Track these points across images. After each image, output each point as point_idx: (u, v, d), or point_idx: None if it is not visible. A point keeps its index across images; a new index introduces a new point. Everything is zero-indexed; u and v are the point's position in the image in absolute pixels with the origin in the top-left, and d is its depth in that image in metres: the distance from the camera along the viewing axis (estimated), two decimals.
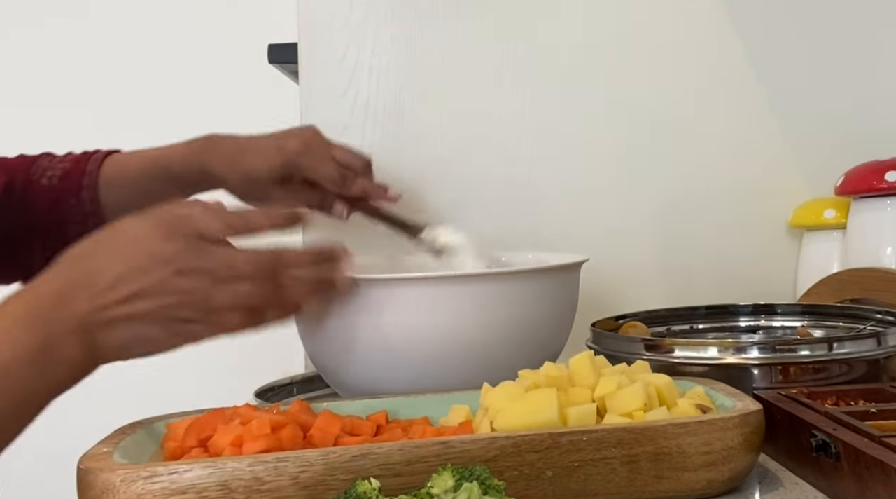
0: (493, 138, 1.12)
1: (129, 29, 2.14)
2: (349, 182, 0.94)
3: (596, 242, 1.10)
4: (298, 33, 1.11)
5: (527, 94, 1.13)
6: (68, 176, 0.95)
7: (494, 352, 0.76)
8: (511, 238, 1.10)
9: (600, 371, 0.65)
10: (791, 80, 1.14)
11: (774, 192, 1.14)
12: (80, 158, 0.97)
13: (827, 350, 0.73)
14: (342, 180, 0.93)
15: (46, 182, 0.95)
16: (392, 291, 0.75)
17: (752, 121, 1.14)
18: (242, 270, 0.65)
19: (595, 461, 0.56)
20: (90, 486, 0.53)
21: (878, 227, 1.01)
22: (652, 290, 1.13)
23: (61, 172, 0.96)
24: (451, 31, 1.12)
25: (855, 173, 1.03)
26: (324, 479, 0.53)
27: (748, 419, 0.58)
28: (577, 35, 1.13)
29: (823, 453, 0.57)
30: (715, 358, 0.74)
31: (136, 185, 0.96)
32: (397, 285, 0.75)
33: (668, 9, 1.13)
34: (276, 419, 0.60)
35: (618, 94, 1.14)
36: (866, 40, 1.14)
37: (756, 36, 1.14)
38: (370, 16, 1.11)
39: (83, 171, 0.95)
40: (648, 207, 1.14)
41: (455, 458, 0.54)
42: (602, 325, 0.87)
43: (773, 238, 1.14)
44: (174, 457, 0.60)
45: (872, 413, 0.60)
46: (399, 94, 1.11)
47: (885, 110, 1.14)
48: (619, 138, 1.14)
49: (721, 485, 0.57)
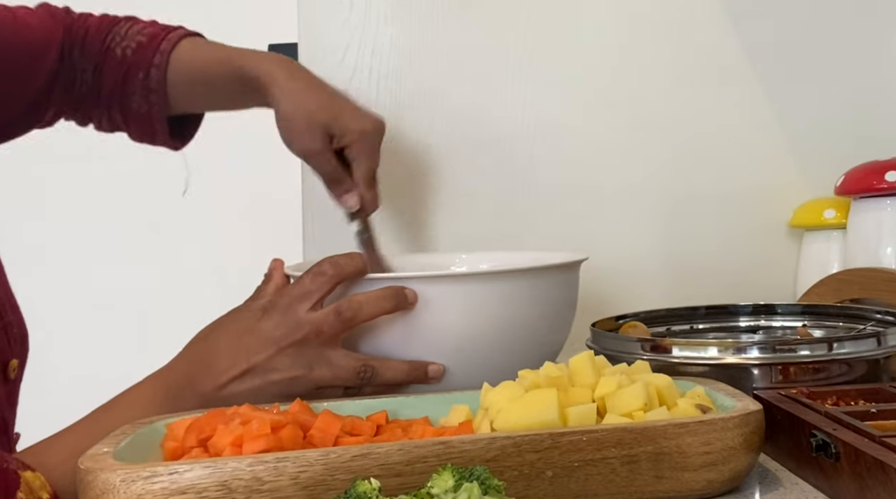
0: (493, 138, 1.13)
1: None
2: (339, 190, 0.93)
3: (596, 241, 1.10)
4: (298, 33, 1.11)
5: (527, 93, 1.13)
6: (142, 50, 0.96)
7: (494, 351, 0.76)
8: (511, 238, 1.10)
9: (600, 371, 0.65)
10: (791, 80, 1.14)
11: (774, 192, 1.14)
12: (157, 34, 0.97)
13: (827, 350, 0.73)
14: (338, 186, 0.93)
15: (120, 52, 0.96)
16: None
17: (752, 121, 1.14)
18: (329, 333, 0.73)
19: (595, 461, 0.56)
20: (90, 486, 0.53)
21: (878, 227, 1.01)
22: (652, 290, 1.13)
23: (136, 44, 0.96)
24: (450, 31, 1.12)
25: (855, 173, 1.03)
26: (324, 479, 0.53)
27: (748, 419, 0.58)
28: (577, 35, 1.13)
29: (823, 454, 0.57)
30: (715, 358, 0.74)
31: (202, 75, 0.96)
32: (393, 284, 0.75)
33: (669, 8, 1.13)
34: (276, 419, 0.60)
35: (618, 94, 1.14)
36: (866, 40, 1.14)
37: (756, 36, 1.14)
38: (370, 16, 1.11)
39: (157, 48, 0.95)
40: (648, 208, 1.14)
41: (455, 458, 0.54)
42: (602, 325, 0.87)
43: (773, 238, 1.14)
44: (174, 457, 0.60)
45: (872, 413, 0.60)
46: (399, 95, 1.11)
47: (885, 110, 1.14)
48: (619, 138, 1.14)
49: (721, 485, 0.57)
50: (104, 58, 0.96)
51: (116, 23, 0.98)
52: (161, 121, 0.97)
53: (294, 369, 0.72)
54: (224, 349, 0.73)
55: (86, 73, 0.96)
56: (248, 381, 0.72)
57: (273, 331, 0.73)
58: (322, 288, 0.74)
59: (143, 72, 0.95)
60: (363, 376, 0.73)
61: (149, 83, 0.95)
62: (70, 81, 0.96)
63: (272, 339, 0.72)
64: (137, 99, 0.96)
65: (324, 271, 0.74)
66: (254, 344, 0.73)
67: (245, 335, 0.73)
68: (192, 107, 1.00)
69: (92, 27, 0.97)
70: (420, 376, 0.75)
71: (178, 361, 0.75)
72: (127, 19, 0.99)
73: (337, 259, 0.75)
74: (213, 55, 0.96)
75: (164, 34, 0.96)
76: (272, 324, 0.73)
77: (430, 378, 0.75)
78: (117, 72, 0.96)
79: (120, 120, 0.98)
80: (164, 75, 0.95)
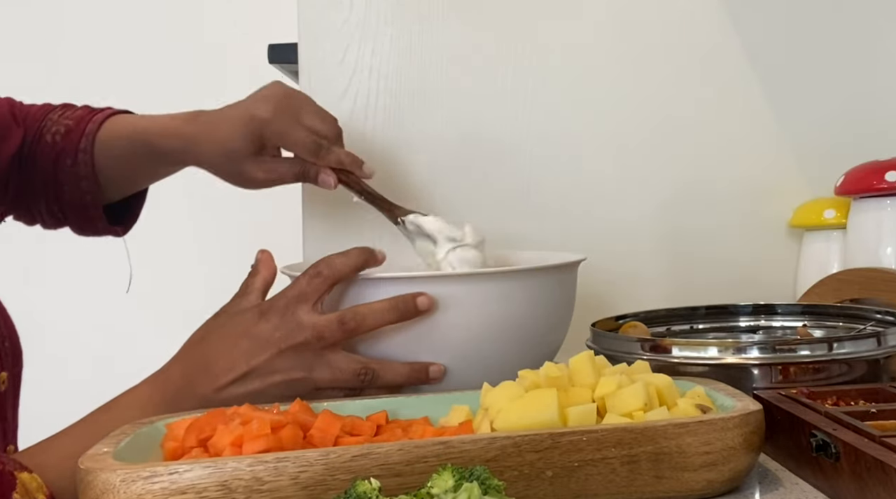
0: (493, 138, 1.13)
1: (129, 28, 2.14)
2: (324, 151, 0.90)
3: (596, 242, 1.10)
4: (298, 33, 1.11)
5: (527, 94, 1.13)
6: (69, 134, 0.94)
7: (491, 351, 0.76)
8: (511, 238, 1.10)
9: (600, 371, 0.65)
10: (791, 80, 1.14)
11: (774, 192, 1.14)
12: (84, 116, 0.95)
13: (827, 350, 0.73)
14: (316, 148, 0.89)
15: (50, 139, 0.94)
16: (386, 291, 0.75)
17: (752, 121, 1.14)
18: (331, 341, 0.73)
19: (595, 461, 0.56)
20: (90, 486, 0.53)
21: (878, 227, 1.01)
22: (652, 290, 1.13)
23: (64, 128, 0.94)
24: (450, 31, 1.12)
25: (855, 173, 1.03)
26: (324, 479, 0.53)
27: (748, 419, 0.58)
28: (577, 35, 1.13)
29: (823, 453, 0.57)
30: (715, 358, 0.74)
31: (123, 155, 0.94)
32: (391, 285, 0.75)
33: (669, 9, 1.13)
34: (276, 419, 0.60)
35: (618, 94, 1.14)
36: (866, 40, 1.14)
37: (756, 36, 1.14)
38: (370, 16, 1.11)
39: (83, 131, 0.94)
40: (649, 208, 1.14)
41: (455, 458, 0.54)
42: (602, 325, 0.87)
43: (773, 238, 1.14)
44: (174, 457, 0.60)
45: (872, 413, 0.60)
46: (399, 95, 1.11)
47: (885, 110, 1.14)
48: (619, 138, 1.14)
49: (721, 485, 0.57)
50: (37, 146, 0.94)
51: (52, 109, 0.97)
52: (97, 208, 0.96)
53: (294, 371, 0.72)
54: (222, 352, 0.73)
55: (24, 164, 0.94)
56: (248, 383, 0.72)
57: (272, 333, 0.72)
58: (319, 289, 0.74)
59: (70, 158, 0.93)
60: (363, 379, 0.73)
61: (77, 170, 0.93)
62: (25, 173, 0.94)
63: (271, 341, 0.72)
64: (70, 188, 0.94)
65: (320, 272, 0.74)
66: (252, 347, 0.72)
67: (243, 338, 0.73)
68: (127, 187, 0.98)
69: (30, 116, 0.96)
70: (421, 377, 0.75)
71: (175, 364, 0.75)
72: (62, 106, 0.97)
73: (332, 259, 0.75)
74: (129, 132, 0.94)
75: (91, 116, 0.95)
76: (271, 326, 0.73)
77: (432, 379, 0.75)
78: (48, 159, 0.94)
79: (58, 211, 0.97)
80: (91, 159, 0.93)
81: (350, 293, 0.76)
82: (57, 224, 0.99)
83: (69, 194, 0.94)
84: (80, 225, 0.99)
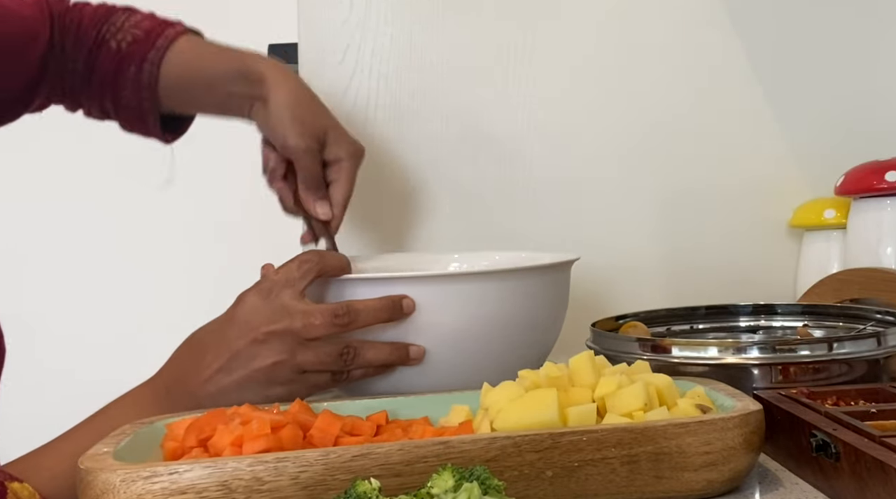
0: (493, 138, 1.13)
1: None
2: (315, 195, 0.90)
3: (596, 241, 1.10)
4: (298, 33, 1.11)
5: (527, 93, 1.13)
6: (137, 44, 0.94)
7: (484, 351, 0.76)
8: (510, 238, 1.10)
9: (600, 371, 0.65)
10: (791, 80, 1.14)
11: (774, 192, 1.14)
12: (154, 28, 0.95)
13: (827, 350, 0.73)
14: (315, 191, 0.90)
15: (115, 45, 0.94)
16: (384, 291, 0.75)
17: (752, 121, 1.14)
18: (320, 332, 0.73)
19: (595, 461, 0.56)
20: (90, 486, 0.53)
21: (878, 227, 1.01)
22: (652, 290, 1.13)
23: (132, 37, 0.94)
24: (450, 31, 1.12)
25: (855, 173, 1.03)
26: (324, 479, 0.53)
27: (748, 419, 0.58)
28: (577, 35, 1.13)
29: (823, 454, 0.57)
30: (715, 358, 0.74)
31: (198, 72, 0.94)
32: (388, 285, 0.75)
33: (669, 8, 1.13)
34: (276, 419, 0.60)
35: (618, 94, 1.14)
36: (866, 40, 1.14)
37: (756, 36, 1.14)
38: (370, 16, 1.11)
39: (153, 44, 0.93)
40: (648, 208, 1.14)
41: (455, 458, 0.54)
42: (602, 325, 0.87)
43: (773, 238, 1.14)
44: (174, 457, 0.60)
45: (872, 413, 0.60)
46: (399, 95, 1.11)
47: (885, 110, 1.14)
48: (619, 138, 1.14)
49: (721, 485, 0.57)
50: (98, 48, 0.94)
51: (113, 13, 0.96)
52: (152, 114, 0.96)
53: (276, 355, 0.72)
54: (209, 343, 0.73)
55: (77, 62, 0.94)
56: (233, 371, 0.71)
57: (253, 315, 0.72)
58: (306, 276, 0.74)
59: (135, 66, 0.93)
60: (346, 358, 0.73)
61: (140, 78, 0.93)
62: (62, 69, 0.95)
63: (252, 324, 0.72)
64: (128, 93, 0.94)
65: (309, 259, 0.75)
66: (234, 331, 0.72)
67: (226, 325, 0.73)
68: (181, 106, 0.98)
69: (86, 16, 0.95)
70: (402, 355, 0.75)
71: (168, 365, 0.76)
72: (124, 10, 0.97)
73: (321, 251, 0.77)
74: (210, 52, 0.95)
75: (162, 30, 0.95)
76: (251, 308, 0.73)
77: (412, 359, 0.75)
78: (110, 63, 0.94)
79: (111, 109, 0.97)
80: (157, 72, 0.93)
81: (332, 289, 0.77)
82: (104, 117, 0.99)
83: (126, 98, 0.95)
84: (130, 124, 0.98)
